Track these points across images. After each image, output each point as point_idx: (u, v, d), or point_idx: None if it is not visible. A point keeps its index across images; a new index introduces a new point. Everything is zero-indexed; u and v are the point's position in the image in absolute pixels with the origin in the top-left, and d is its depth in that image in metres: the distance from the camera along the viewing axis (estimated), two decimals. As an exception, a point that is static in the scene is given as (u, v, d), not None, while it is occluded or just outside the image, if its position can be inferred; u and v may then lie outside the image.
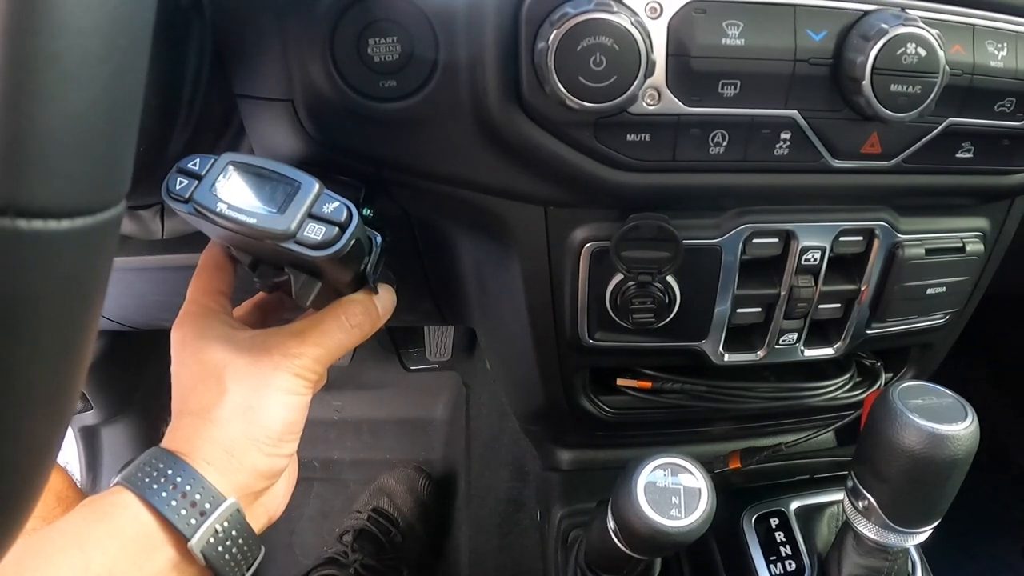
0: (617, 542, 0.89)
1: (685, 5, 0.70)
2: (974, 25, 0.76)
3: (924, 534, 0.85)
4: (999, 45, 0.77)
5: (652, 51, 0.68)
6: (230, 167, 0.69)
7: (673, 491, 0.85)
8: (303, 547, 1.96)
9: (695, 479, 0.86)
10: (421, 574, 1.93)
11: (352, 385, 2.01)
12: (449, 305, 1.19)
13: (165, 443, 0.72)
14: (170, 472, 0.68)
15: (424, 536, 1.95)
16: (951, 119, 0.79)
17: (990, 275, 1.04)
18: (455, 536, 1.94)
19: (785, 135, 0.77)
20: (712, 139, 0.76)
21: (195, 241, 0.80)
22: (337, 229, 0.68)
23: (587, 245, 0.87)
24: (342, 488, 2.06)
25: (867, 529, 0.87)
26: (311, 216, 0.67)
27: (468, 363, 2.09)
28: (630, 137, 0.75)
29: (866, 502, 0.85)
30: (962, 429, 0.78)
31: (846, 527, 0.92)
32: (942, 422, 0.78)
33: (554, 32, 0.66)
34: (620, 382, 1.06)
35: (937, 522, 0.84)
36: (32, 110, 0.30)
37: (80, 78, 0.31)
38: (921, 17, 0.72)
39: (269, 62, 0.78)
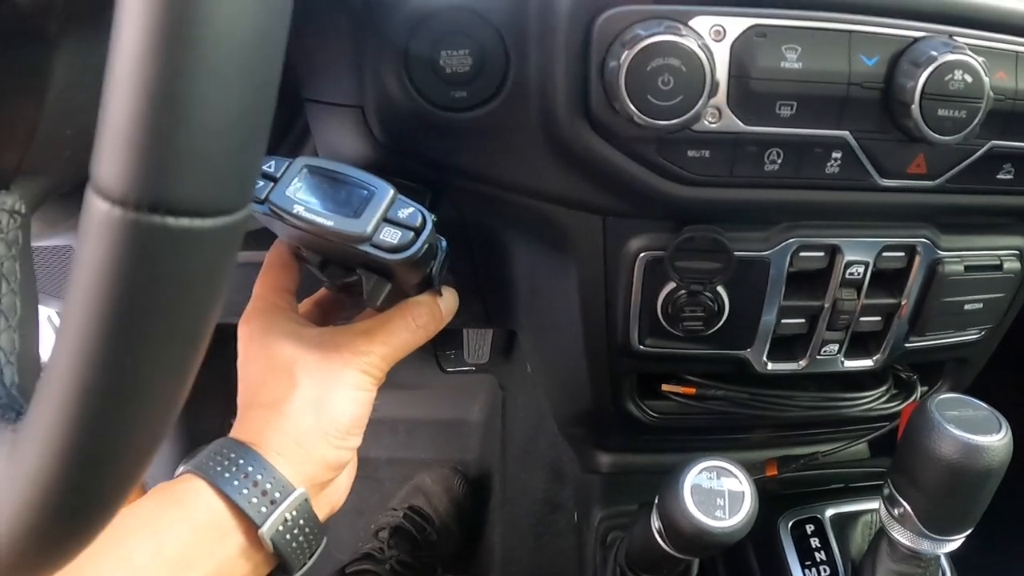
0: (661, 542, 0.91)
1: (747, 29, 0.73)
2: (1018, 52, 0.78)
3: (957, 542, 0.87)
4: None
5: (716, 72, 0.72)
6: (305, 170, 0.71)
7: (718, 493, 0.87)
8: (338, 543, 1.96)
9: (739, 483, 0.89)
10: (455, 572, 1.94)
11: (389, 385, 2.03)
12: (497, 308, 1.21)
13: (234, 434, 0.74)
14: (241, 462, 0.69)
15: (459, 535, 1.97)
16: (993, 142, 0.82)
17: None
18: (489, 536, 1.95)
19: (836, 154, 0.79)
20: (767, 157, 0.79)
21: (259, 238, 0.83)
22: (412, 234, 0.70)
23: (642, 254, 0.90)
24: (378, 486, 2.08)
25: (902, 536, 0.88)
26: (386, 220, 0.70)
27: (505, 366, 2.10)
28: (691, 153, 0.78)
29: (902, 509, 0.87)
30: (996, 440, 0.80)
31: (880, 534, 0.94)
32: (977, 433, 0.80)
33: (625, 52, 0.69)
34: (665, 387, 1.09)
35: (970, 530, 0.86)
36: (188, 116, 0.33)
37: (232, 88, 0.34)
38: (968, 44, 0.74)
39: (342, 69, 0.81)
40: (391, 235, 0.70)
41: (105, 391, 0.37)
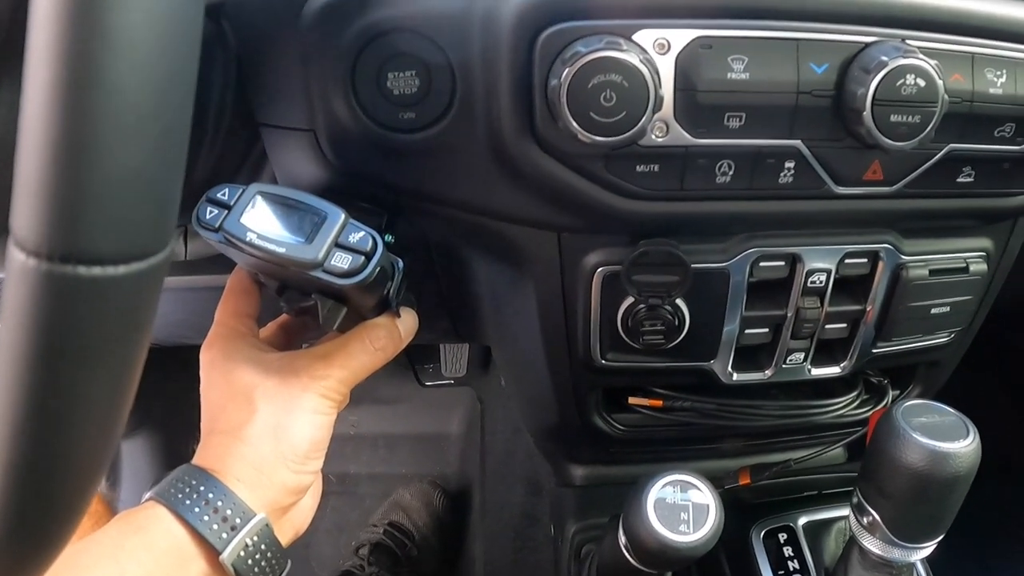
0: (628, 557, 0.91)
1: (692, 41, 0.72)
2: (973, 54, 0.78)
3: (927, 549, 0.87)
4: (998, 72, 0.78)
5: (660, 86, 0.71)
6: (258, 197, 0.71)
7: (682, 507, 0.87)
8: (319, 560, 1.97)
9: (703, 495, 0.88)
10: (437, 587, 1.94)
11: (368, 400, 2.03)
12: (465, 324, 1.21)
13: (196, 460, 0.75)
14: (202, 488, 0.70)
15: (439, 550, 1.96)
16: (951, 145, 0.81)
17: (995, 292, 1.06)
18: (470, 550, 1.95)
19: (789, 164, 0.79)
20: (719, 169, 0.78)
21: (218, 262, 0.83)
22: (363, 258, 0.70)
23: (599, 269, 0.89)
24: (358, 502, 2.08)
25: (872, 544, 0.88)
26: (338, 245, 0.70)
27: (483, 379, 2.11)
28: (640, 168, 0.77)
29: (871, 518, 0.87)
30: (963, 447, 0.80)
31: (852, 542, 0.93)
32: (944, 440, 0.80)
33: (566, 70, 0.68)
34: (632, 400, 1.08)
35: (940, 537, 0.86)
36: (91, 166, 0.33)
37: (135, 135, 0.34)
38: (921, 47, 0.74)
39: (291, 93, 0.80)
40: (342, 260, 0.70)
41: (35, 432, 0.38)
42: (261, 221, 0.70)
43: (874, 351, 1.03)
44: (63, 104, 0.32)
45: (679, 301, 0.91)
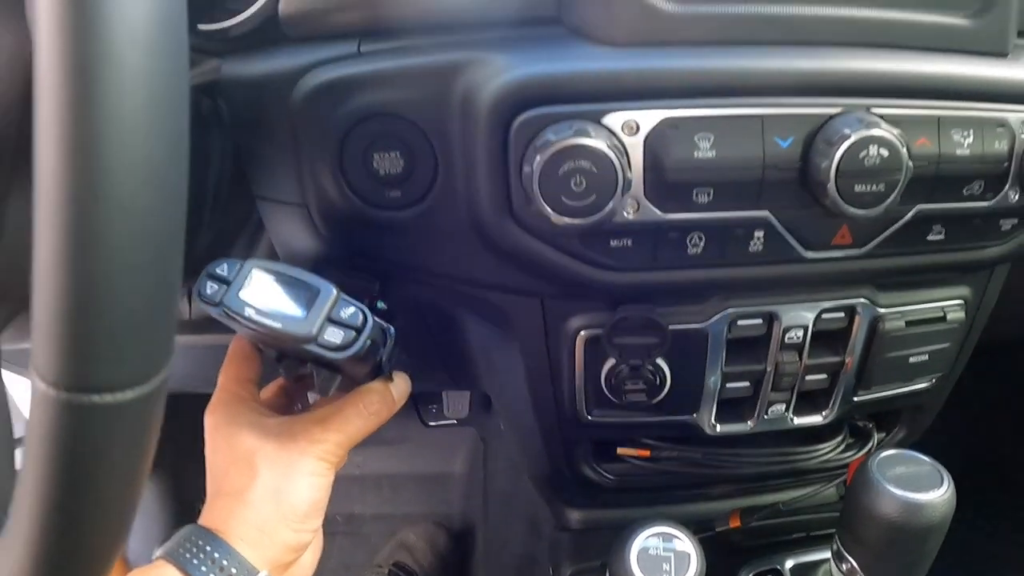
0: (616, 604, 0.94)
1: (660, 122, 0.75)
2: (939, 116, 0.79)
3: (905, 595, 0.89)
4: (964, 132, 0.79)
5: (629, 168, 0.74)
6: (255, 272, 0.75)
7: (664, 557, 0.90)
8: (326, 599, 1.98)
9: (685, 544, 0.91)
10: (440, 628, 1.96)
11: (373, 440, 2.04)
12: (461, 374, 1.24)
13: (202, 520, 0.78)
14: (209, 548, 0.74)
15: (443, 590, 1.99)
16: (920, 206, 0.82)
17: (976, 337, 1.07)
18: (472, 590, 1.97)
19: (759, 233, 0.81)
20: (690, 241, 0.81)
21: (218, 324, 0.86)
22: (354, 332, 0.74)
23: (581, 333, 0.92)
24: (363, 542, 2.09)
25: (851, 590, 0.91)
26: (330, 320, 0.74)
27: (485, 419, 2.12)
28: (613, 243, 0.80)
29: (849, 565, 0.90)
30: (937, 497, 0.82)
31: (834, 587, 0.96)
32: (918, 490, 0.83)
33: (537, 157, 0.72)
34: (620, 451, 1.11)
35: (917, 583, 0.89)
36: (100, 312, 0.38)
37: (137, 283, 0.39)
38: (886, 115, 0.76)
39: (285, 170, 0.84)
40: (334, 335, 0.73)
41: (60, 527, 0.44)
42: (258, 296, 0.74)
43: (855, 399, 1.05)
44: (69, 265, 0.37)
45: (660, 360, 0.94)
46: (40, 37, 0.35)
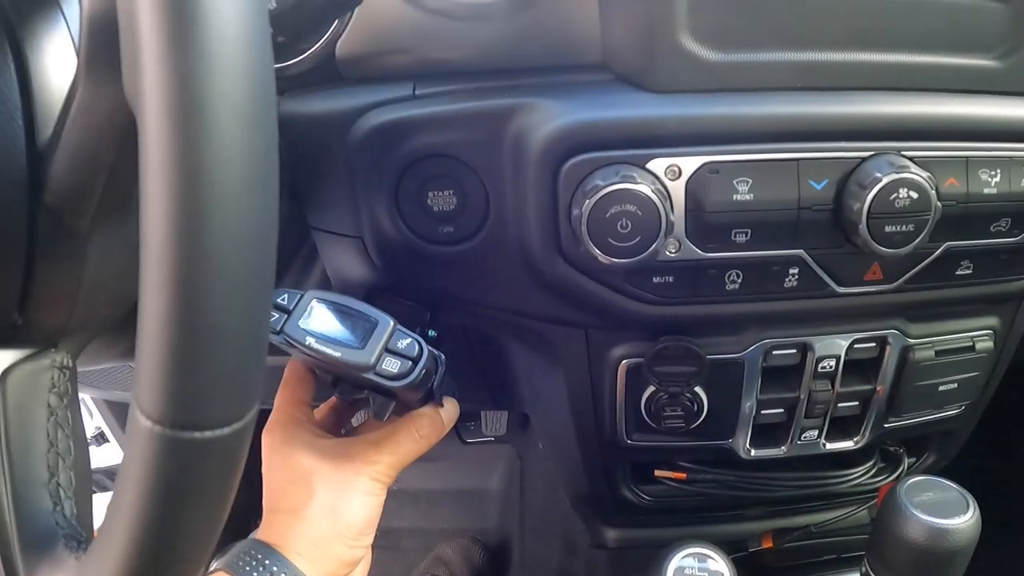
0: (653, 623, 0.97)
1: (701, 167, 0.78)
2: (967, 157, 0.81)
3: (932, 617, 0.92)
4: (992, 172, 0.82)
5: (672, 211, 0.77)
6: (315, 303, 0.79)
7: (699, 578, 0.93)
8: (364, 613, 1.99)
9: (719, 565, 0.95)
10: (476, 643, 1.97)
11: (411, 459, 2.03)
12: (503, 396, 1.29)
13: (259, 535, 0.82)
14: (267, 562, 0.78)
15: (479, 605, 2.01)
16: (949, 243, 0.85)
17: (1005, 365, 1.09)
18: (508, 606, 1.98)
19: (793, 270, 0.84)
20: (728, 277, 0.84)
21: (275, 346, 0.90)
22: (410, 363, 0.78)
23: (623, 361, 0.96)
24: (401, 556, 2.11)
25: (879, 613, 0.93)
26: (387, 351, 0.78)
27: (523, 437, 2.14)
28: (656, 279, 0.84)
29: (877, 588, 0.93)
30: (962, 523, 0.85)
31: (862, 609, 0.99)
32: (945, 516, 0.85)
33: (586, 201, 0.75)
34: (658, 473, 1.15)
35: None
36: (203, 354, 0.42)
37: (234, 341, 0.43)
38: (916, 157, 0.79)
39: (341, 204, 0.88)
40: (392, 364, 0.78)
41: (151, 548, 0.47)
42: (318, 326, 0.78)
43: (886, 426, 1.07)
44: (179, 320, 0.41)
45: (697, 388, 0.97)
46: (147, 114, 0.39)
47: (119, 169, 0.58)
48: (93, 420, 2.20)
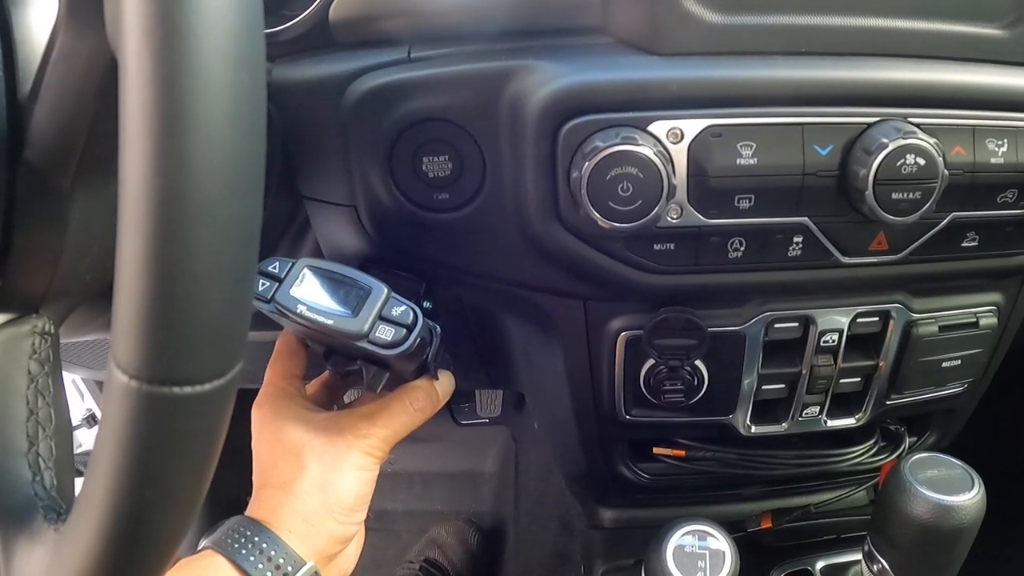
0: (651, 601, 0.96)
1: (703, 130, 0.77)
2: (974, 126, 0.80)
3: (935, 596, 0.91)
4: (999, 142, 0.81)
5: (674, 175, 0.76)
6: (307, 271, 0.78)
7: (700, 555, 0.92)
8: (358, 595, 1.99)
9: (719, 542, 0.93)
10: (470, 624, 1.97)
11: (405, 438, 2.05)
12: (499, 374, 1.26)
13: (249, 512, 0.81)
14: (256, 539, 0.76)
15: (473, 587, 2.00)
16: (954, 213, 0.84)
17: (1008, 343, 1.08)
18: (503, 587, 1.98)
19: (797, 239, 0.83)
20: (730, 245, 0.82)
21: (265, 320, 0.88)
22: (405, 330, 0.76)
23: (622, 334, 0.94)
24: (395, 538, 2.11)
25: (882, 591, 0.92)
26: (381, 318, 0.76)
27: (517, 418, 2.12)
28: (657, 246, 0.82)
29: (880, 566, 0.91)
30: (967, 500, 0.84)
31: (864, 589, 0.97)
32: (949, 493, 0.84)
33: (586, 163, 0.73)
34: (656, 450, 1.13)
35: (947, 584, 0.90)
36: (183, 307, 0.40)
37: (219, 288, 0.41)
38: (923, 124, 0.78)
39: (334, 172, 0.86)
40: (386, 332, 0.76)
41: (130, 515, 0.45)
42: (310, 294, 0.77)
43: (888, 403, 1.06)
44: (155, 265, 0.39)
45: (698, 362, 0.95)
46: (128, 50, 0.37)
47: (101, 122, 0.56)
48: (84, 402, 2.19)
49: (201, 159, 0.38)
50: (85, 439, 2.13)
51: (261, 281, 0.77)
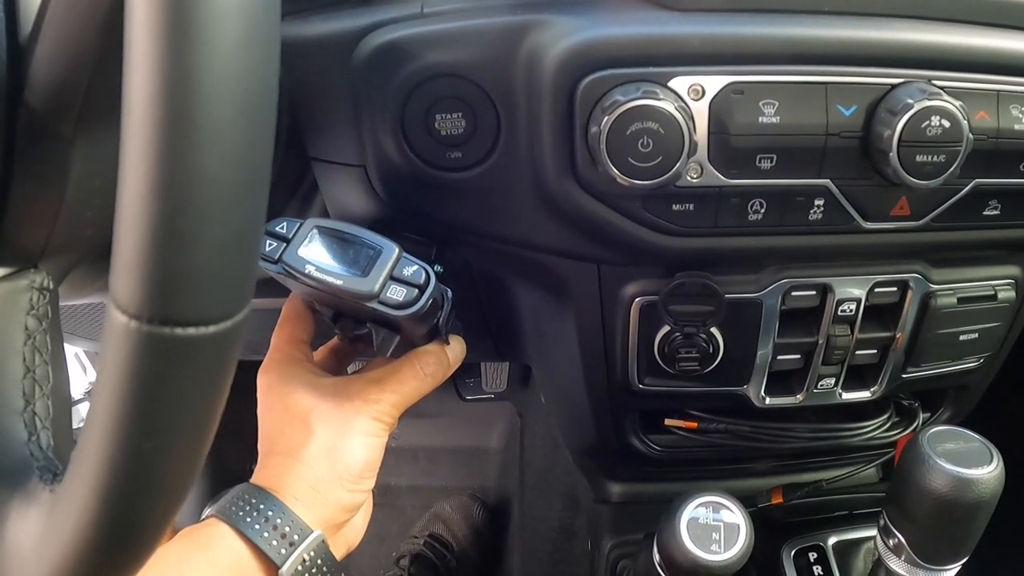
0: (662, 574, 0.94)
1: (725, 87, 0.75)
2: (999, 91, 0.79)
3: (952, 571, 0.89)
4: (1023, 108, 0.79)
5: (695, 132, 0.74)
6: (315, 231, 0.76)
7: (714, 527, 0.90)
8: (360, 570, 1.99)
9: (734, 516, 0.92)
10: (475, 599, 1.96)
11: (410, 413, 2.05)
12: (507, 345, 1.25)
13: (255, 479, 0.79)
14: (262, 507, 0.74)
15: (478, 562, 1.99)
16: (977, 180, 0.82)
17: None
18: (508, 563, 1.97)
19: (819, 202, 0.81)
20: (751, 207, 0.81)
21: (271, 285, 0.87)
22: (416, 291, 0.74)
23: (637, 299, 0.93)
24: (399, 513, 2.11)
25: (897, 566, 0.90)
26: (392, 278, 0.74)
27: (523, 394, 2.12)
28: (675, 207, 0.80)
29: (896, 540, 0.90)
30: (987, 473, 0.82)
31: (879, 563, 0.95)
32: (968, 466, 0.82)
33: (605, 117, 0.72)
34: (668, 422, 1.11)
35: (964, 559, 0.89)
36: (187, 243, 0.37)
37: (226, 222, 0.38)
38: (947, 87, 0.76)
39: (343, 131, 0.84)
40: (397, 292, 0.74)
41: (129, 470, 0.43)
42: (319, 254, 0.75)
43: (904, 376, 1.04)
44: (159, 194, 0.36)
45: (713, 329, 0.94)
46: None
47: (105, 64, 0.53)
48: (87, 376, 2.18)
49: (211, 82, 0.36)
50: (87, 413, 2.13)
51: (268, 242, 0.75)
